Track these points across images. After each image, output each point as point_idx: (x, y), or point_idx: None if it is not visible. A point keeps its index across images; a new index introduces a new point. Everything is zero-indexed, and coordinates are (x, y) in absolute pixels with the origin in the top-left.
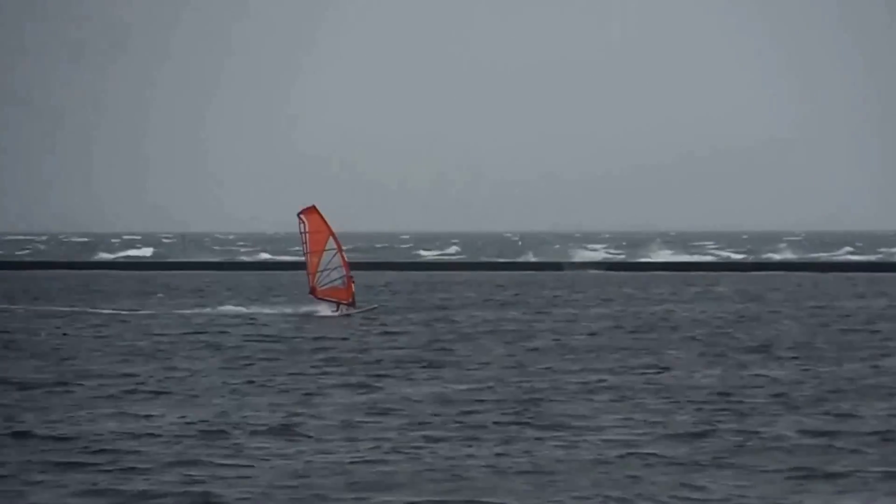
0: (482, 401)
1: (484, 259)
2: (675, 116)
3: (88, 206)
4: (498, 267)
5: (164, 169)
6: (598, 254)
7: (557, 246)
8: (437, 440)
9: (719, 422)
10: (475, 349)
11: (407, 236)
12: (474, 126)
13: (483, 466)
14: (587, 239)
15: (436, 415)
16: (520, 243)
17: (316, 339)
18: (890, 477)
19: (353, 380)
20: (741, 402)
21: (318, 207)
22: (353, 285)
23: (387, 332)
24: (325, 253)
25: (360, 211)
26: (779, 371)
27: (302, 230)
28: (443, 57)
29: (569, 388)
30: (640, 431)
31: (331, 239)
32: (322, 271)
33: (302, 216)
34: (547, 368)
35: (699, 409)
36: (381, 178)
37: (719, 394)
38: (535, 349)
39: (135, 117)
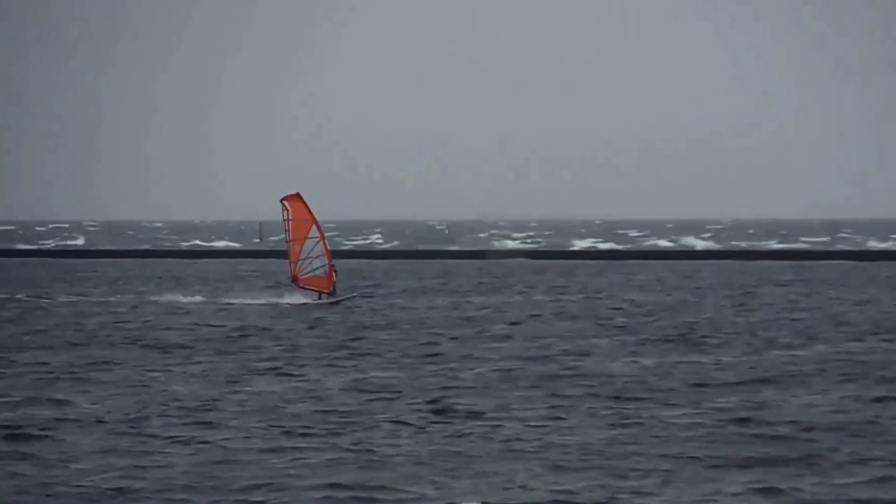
0: (400, 389)
1: (408, 247)
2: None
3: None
4: (422, 255)
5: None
6: (520, 243)
7: (483, 234)
8: (354, 427)
9: (636, 409)
10: (397, 337)
11: (333, 224)
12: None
13: (401, 455)
14: (515, 228)
15: (351, 402)
16: (447, 231)
17: (240, 327)
18: (810, 463)
19: (273, 367)
20: (658, 389)
21: (301, 195)
22: (334, 274)
23: (309, 321)
24: (307, 241)
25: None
26: (701, 358)
27: (285, 217)
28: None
29: (488, 376)
30: (557, 418)
31: (313, 227)
32: (304, 260)
33: (285, 202)
34: (465, 356)
35: (616, 398)
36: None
37: (638, 381)
38: (455, 338)
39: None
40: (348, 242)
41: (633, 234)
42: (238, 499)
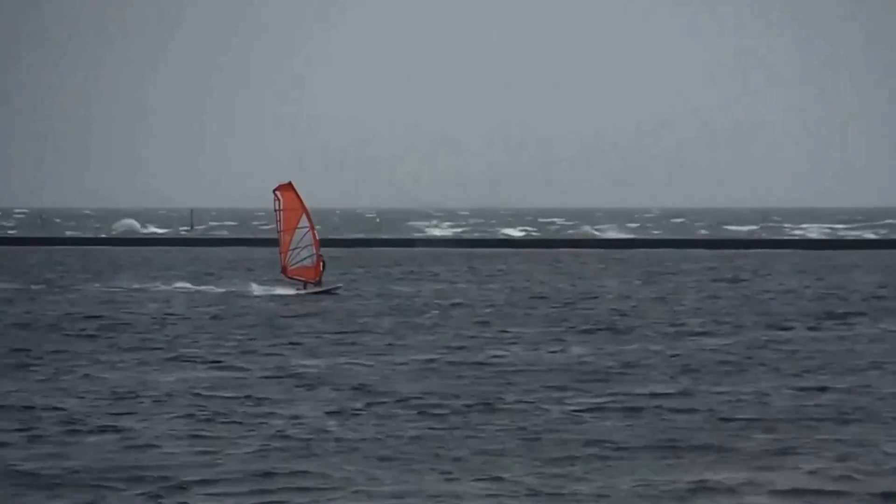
0: (320, 377)
1: (336, 236)
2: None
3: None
4: (350, 244)
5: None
6: (448, 231)
7: (411, 223)
8: (279, 414)
9: (549, 398)
10: (319, 326)
11: (262, 213)
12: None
13: (328, 442)
14: (450, 217)
15: (279, 390)
16: (377, 220)
17: (166, 315)
18: (727, 452)
19: (197, 355)
20: (586, 378)
21: (293, 184)
22: (322, 264)
23: (237, 309)
24: (297, 231)
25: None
26: (624, 347)
27: (276, 207)
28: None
29: (410, 365)
30: (471, 405)
31: (304, 216)
32: (293, 249)
33: (277, 192)
34: (389, 345)
35: (528, 391)
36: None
37: (550, 370)
38: (380, 325)
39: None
40: (267, 227)
41: (560, 221)
42: (161, 486)
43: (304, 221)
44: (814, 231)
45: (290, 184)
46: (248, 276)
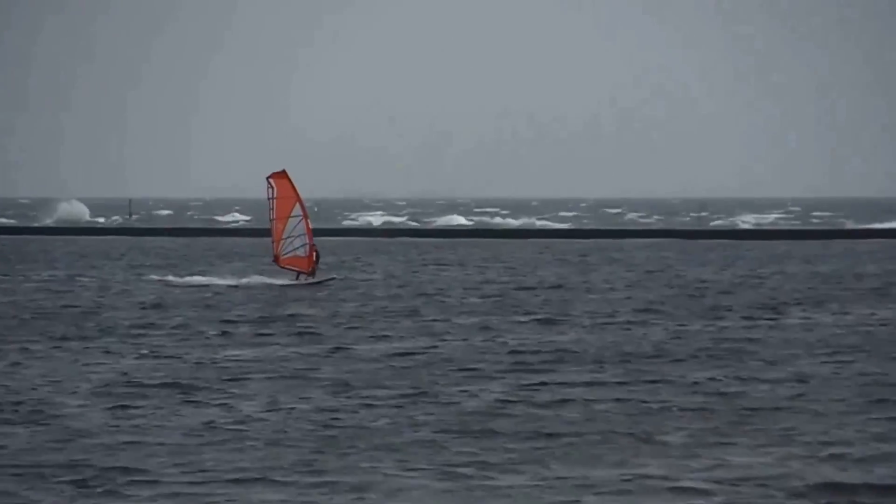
0: (251, 367)
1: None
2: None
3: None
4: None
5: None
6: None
7: (345, 212)
8: (209, 403)
9: (480, 387)
10: (249, 315)
11: (200, 203)
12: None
13: (262, 432)
14: (387, 207)
15: (204, 379)
16: (315, 209)
17: (98, 304)
18: (654, 443)
19: (133, 343)
20: (521, 369)
21: (287, 172)
22: (315, 254)
23: (159, 298)
24: (290, 220)
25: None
26: (560, 337)
27: (270, 195)
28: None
29: (337, 354)
30: (407, 395)
31: (297, 205)
32: (286, 238)
33: (271, 180)
34: (318, 335)
35: (456, 380)
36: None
37: (482, 359)
38: (310, 316)
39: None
40: (197, 217)
41: (492, 210)
42: (96, 475)
43: (297, 210)
44: (749, 221)
45: (283, 172)
46: (178, 266)
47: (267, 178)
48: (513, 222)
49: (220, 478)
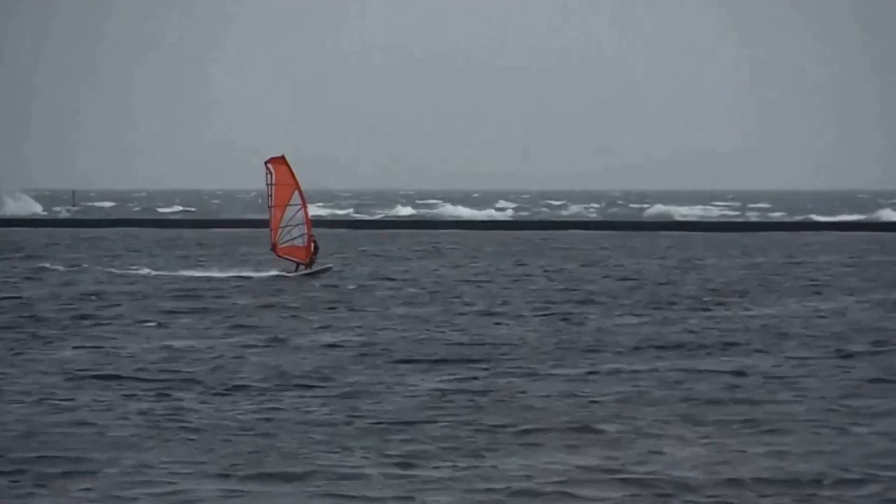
0: (185, 357)
1: (205, 216)
2: None
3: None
4: (215, 224)
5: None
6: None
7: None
8: (143, 397)
9: (396, 381)
10: (187, 305)
11: (143, 194)
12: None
13: (190, 422)
14: (331, 199)
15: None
16: (259, 201)
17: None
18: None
19: (63, 335)
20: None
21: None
22: (312, 245)
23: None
24: (288, 208)
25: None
26: (499, 329)
27: (268, 181)
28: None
29: (261, 347)
30: (331, 384)
31: (296, 193)
32: (284, 227)
33: (269, 165)
34: (252, 327)
35: (364, 371)
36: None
37: (384, 350)
38: (245, 306)
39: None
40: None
41: (432, 202)
42: (27, 467)
43: (296, 198)
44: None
45: (282, 157)
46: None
47: (265, 163)
48: (464, 211)
49: (159, 470)
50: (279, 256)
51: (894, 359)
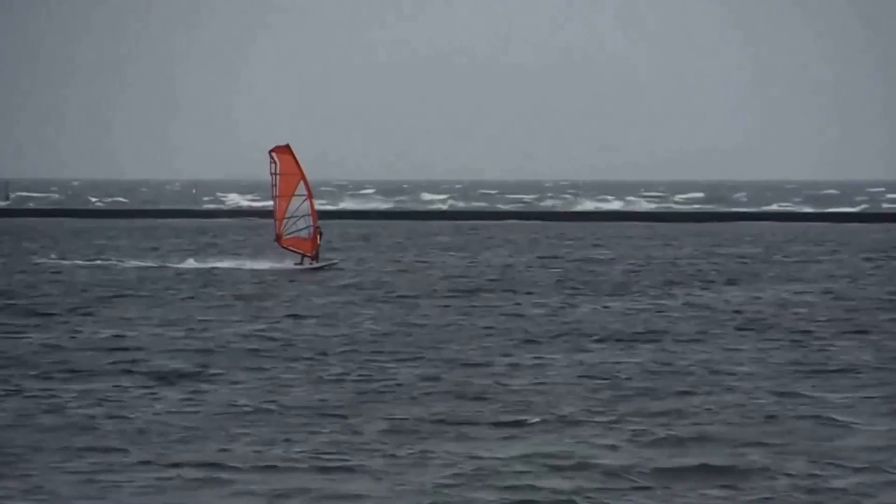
0: (141, 347)
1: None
2: None
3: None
4: (159, 214)
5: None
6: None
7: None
8: (99, 390)
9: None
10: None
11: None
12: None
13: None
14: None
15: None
16: (194, 191)
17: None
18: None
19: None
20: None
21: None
22: (318, 237)
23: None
24: (293, 198)
25: None
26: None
27: (273, 171)
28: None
29: (217, 333)
30: (291, 378)
31: (301, 183)
32: (289, 218)
33: (273, 154)
34: (219, 321)
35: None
36: None
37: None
38: (213, 295)
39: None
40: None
41: (367, 192)
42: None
43: (301, 189)
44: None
45: (287, 146)
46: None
47: (269, 153)
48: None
49: (96, 460)
50: (283, 248)
51: None
